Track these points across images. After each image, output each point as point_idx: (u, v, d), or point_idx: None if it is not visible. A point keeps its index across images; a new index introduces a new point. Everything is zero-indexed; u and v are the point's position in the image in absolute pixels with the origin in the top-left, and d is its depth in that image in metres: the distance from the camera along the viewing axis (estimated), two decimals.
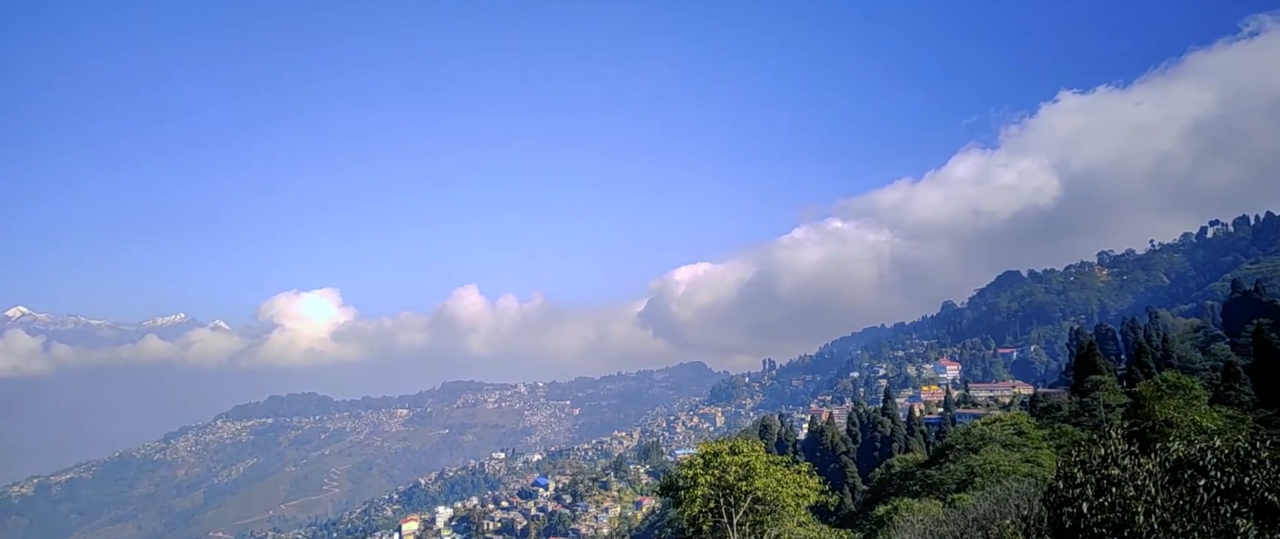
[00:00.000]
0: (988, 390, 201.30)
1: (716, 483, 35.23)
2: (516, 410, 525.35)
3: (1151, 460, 14.30)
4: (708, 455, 36.37)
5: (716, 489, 35.17)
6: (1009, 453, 52.09)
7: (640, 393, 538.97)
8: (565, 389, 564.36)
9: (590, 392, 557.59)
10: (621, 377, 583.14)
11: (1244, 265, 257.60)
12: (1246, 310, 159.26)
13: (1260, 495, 12.12)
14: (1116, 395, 66.56)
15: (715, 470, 35.44)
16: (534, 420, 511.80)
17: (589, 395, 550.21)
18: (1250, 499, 12.22)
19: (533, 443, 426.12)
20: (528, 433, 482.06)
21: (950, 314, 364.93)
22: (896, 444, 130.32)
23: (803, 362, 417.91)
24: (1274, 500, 11.93)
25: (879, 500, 59.72)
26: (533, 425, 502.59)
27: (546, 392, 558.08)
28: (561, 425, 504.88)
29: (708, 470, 35.56)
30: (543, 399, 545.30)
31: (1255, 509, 12.06)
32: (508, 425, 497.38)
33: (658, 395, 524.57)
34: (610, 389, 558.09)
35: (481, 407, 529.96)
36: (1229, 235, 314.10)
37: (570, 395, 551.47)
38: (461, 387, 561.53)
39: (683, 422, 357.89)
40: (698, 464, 36.22)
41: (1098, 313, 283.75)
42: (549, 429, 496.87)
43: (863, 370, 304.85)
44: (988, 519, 21.97)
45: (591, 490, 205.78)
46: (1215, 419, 49.42)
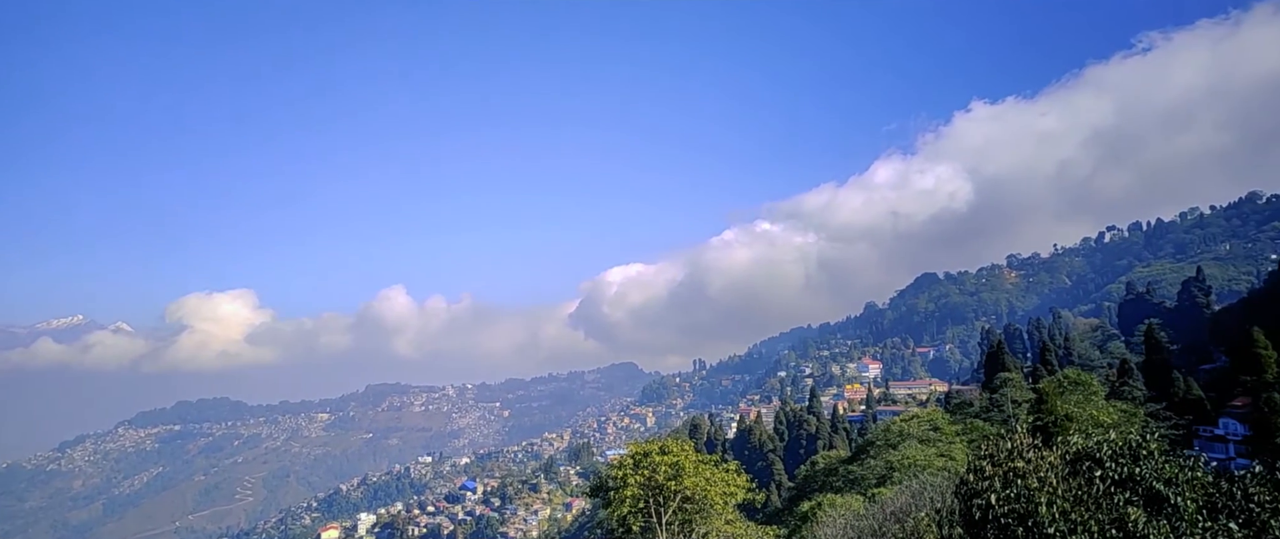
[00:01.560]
0: (907, 388, 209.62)
1: (646, 483, 35.36)
2: (444, 413, 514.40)
3: (1053, 453, 15.10)
4: (638, 455, 36.47)
5: (646, 489, 35.29)
6: (925, 448, 54.22)
7: (571, 394, 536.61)
8: (495, 391, 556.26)
9: (521, 393, 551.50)
10: (553, 378, 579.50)
11: (1137, 269, 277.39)
12: (1139, 311, 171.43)
13: (1149, 485, 12.95)
14: (1023, 392, 70.18)
15: (645, 470, 35.55)
16: (462, 423, 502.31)
17: (519, 397, 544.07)
18: (1140, 488, 13.05)
19: (461, 446, 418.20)
20: (456, 436, 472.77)
21: (872, 314, 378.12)
22: (821, 441, 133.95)
23: (732, 362, 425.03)
24: (1161, 489, 12.75)
25: (804, 497, 61.14)
26: (461, 428, 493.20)
27: (476, 393, 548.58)
28: (491, 428, 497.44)
29: (638, 470, 35.65)
30: (472, 401, 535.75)
31: (1145, 498, 12.88)
32: (435, 428, 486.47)
33: (589, 396, 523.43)
34: (541, 390, 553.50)
35: (408, 409, 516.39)
36: (1124, 240, 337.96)
37: (500, 397, 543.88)
38: (386, 389, 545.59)
39: (614, 422, 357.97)
40: (628, 464, 36.27)
41: (1007, 313, 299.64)
42: (478, 432, 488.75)
43: (790, 370, 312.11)
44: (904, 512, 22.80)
45: (521, 493, 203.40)
46: (1111, 413, 52.83)
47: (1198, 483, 13.07)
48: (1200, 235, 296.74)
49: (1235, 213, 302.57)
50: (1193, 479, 13.11)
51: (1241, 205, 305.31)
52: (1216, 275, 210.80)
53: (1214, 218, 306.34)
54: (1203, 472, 13.57)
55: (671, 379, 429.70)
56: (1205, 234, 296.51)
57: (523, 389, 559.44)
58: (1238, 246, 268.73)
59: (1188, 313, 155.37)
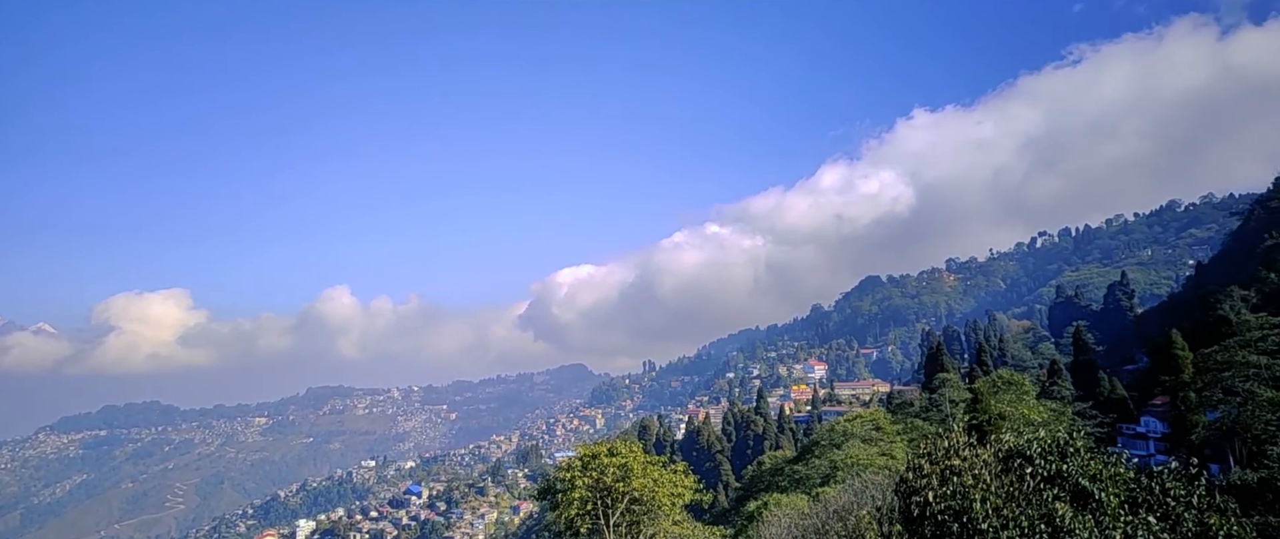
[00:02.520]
0: (851, 389, 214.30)
1: (594, 485, 35.20)
2: (389, 416, 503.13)
3: (987, 451, 15.62)
4: (586, 457, 36.29)
5: (594, 491, 35.13)
6: (867, 447, 55.51)
7: (520, 395, 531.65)
8: (442, 393, 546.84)
9: (468, 395, 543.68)
10: (501, 379, 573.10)
11: (1066, 273, 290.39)
12: (1068, 313, 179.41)
13: (1075, 481, 13.52)
14: (960, 392, 72.38)
15: (593, 472, 35.40)
16: (408, 426, 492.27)
17: (467, 399, 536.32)
18: (1067, 484, 13.61)
19: (406, 449, 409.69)
20: (401, 439, 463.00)
21: (818, 316, 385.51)
22: (768, 442, 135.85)
23: (682, 363, 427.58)
24: (1086, 485, 13.32)
25: (750, 496, 61.86)
26: (406, 431, 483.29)
27: (422, 396, 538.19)
28: (437, 430, 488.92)
29: (586, 472, 35.47)
30: (418, 404, 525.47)
31: (1072, 494, 13.43)
32: (379, 432, 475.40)
33: (538, 398, 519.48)
34: (489, 392, 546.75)
35: (351, 413, 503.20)
36: (1054, 245, 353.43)
37: (447, 399, 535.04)
38: (329, 392, 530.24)
39: (563, 424, 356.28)
40: (576, 466, 36.07)
41: (946, 315, 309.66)
42: (424, 435, 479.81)
43: (738, 371, 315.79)
44: (847, 511, 23.29)
45: (467, 497, 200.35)
46: (1041, 412, 55.09)
47: (1120, 479, 13.68)
48: (1124, 241, 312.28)
49: (1156, 220, 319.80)
50: (1116, 475, 13.72)
51: (1162, 213, 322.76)
52: (1139, 280, 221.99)
53: (1137, 224, 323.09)
54: (1125, 468, 14.22)
55: (621, 381, 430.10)
56: (1129, 240, 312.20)
57: (471, 391, 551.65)
58: (1159, 252, 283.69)
59: (1113, 315, 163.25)
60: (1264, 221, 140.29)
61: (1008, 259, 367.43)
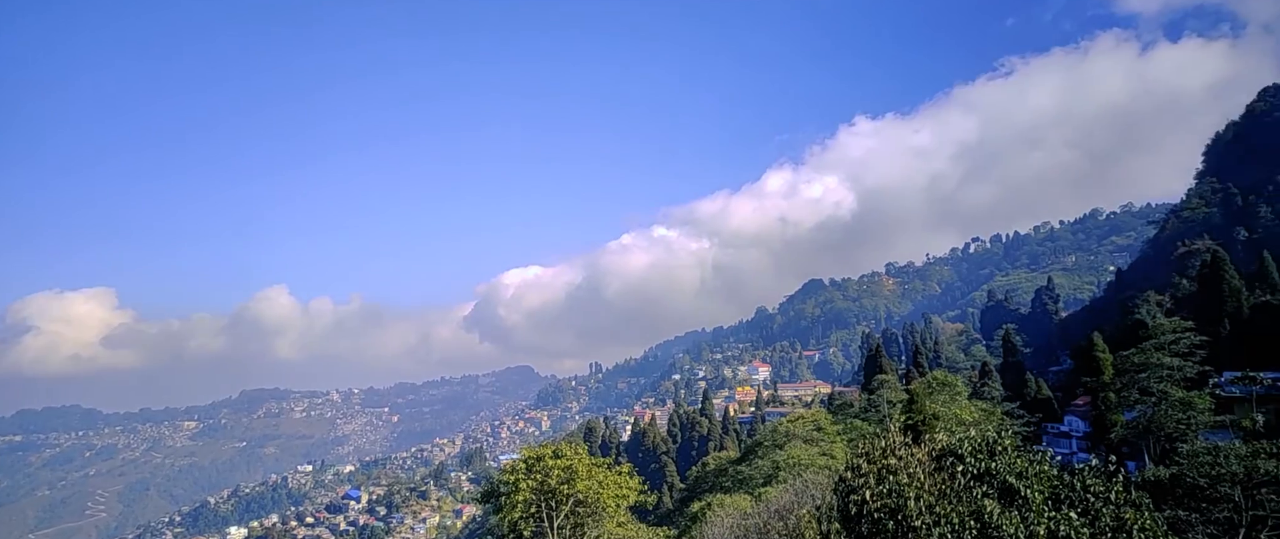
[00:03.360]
0: (794, 390, 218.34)
1: (539, 487, 35.00)
2: (328, 419, 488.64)
3: (922, 450, 16.13)
4: (530, 460, 36.06)
5: (538, 493, 34.93)
6: (809, 448, 56.61)
7: (465, 398, 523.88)
8: (384, 395, 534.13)
9: (411, 397, 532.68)
10: (445, 381, 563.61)
11: (997, 277, 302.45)
12: (998, 316, 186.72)
13: (1003, 478, 14.07)
14: (898, 392, 74.35)
15: (538, 475, 35.19)
16: (348, 429, 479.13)
17: (410, 402, 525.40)
18: (996, 482, 14.15)
19: (345, 453, 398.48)
20: (340, 442, 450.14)
21: (763, 319, 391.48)
22: (712, 443, 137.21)
23: (628, 365, 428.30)
24: (1013, 482, 13.88)
25: (694, 497, 62.30)
26: (346, 435, 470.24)
27: (363, 398, 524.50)
28: (378, 434, 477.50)
29: (530, 475, 35.23)
30: (358, 406, 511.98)
31: (1000, 491, 13.98)
32: (317, 435, 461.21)
33: (483, 400, 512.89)
34: (433, 394, 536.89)
35: (287, 416, 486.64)
36: (987, 251, 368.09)
37: (389, 402, 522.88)
38: (264, 395, 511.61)
39: (508, 426, 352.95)
40: (520, 469, 35.79)
41: (885, 317, 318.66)
42: (364, 438, 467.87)
43: (684, 373, 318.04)
44: (788, 510, 23.71)
45: (409, 501, 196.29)
46: (972, 412, 57.12)
47: (1045, 476, 14.29)
48: (1051, 247, 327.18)
49: (1080, 227, 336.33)
50: (1041, 473, 14.33)
51: (1085, 221, 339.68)
52: (1064, 285, 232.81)
53: (1063, 231, 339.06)
54: (1049, 466, 14.84)
55: (567, 382, 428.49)
56: (1055, 246, 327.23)
57: (414, 393, 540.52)
58: (1082, 258, 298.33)
59: (1039, 319, 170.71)
60: (1178, 231, 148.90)
61: (943, 264, 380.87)
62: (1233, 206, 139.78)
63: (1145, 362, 55.65)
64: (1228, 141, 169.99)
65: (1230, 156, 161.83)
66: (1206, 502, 30.24)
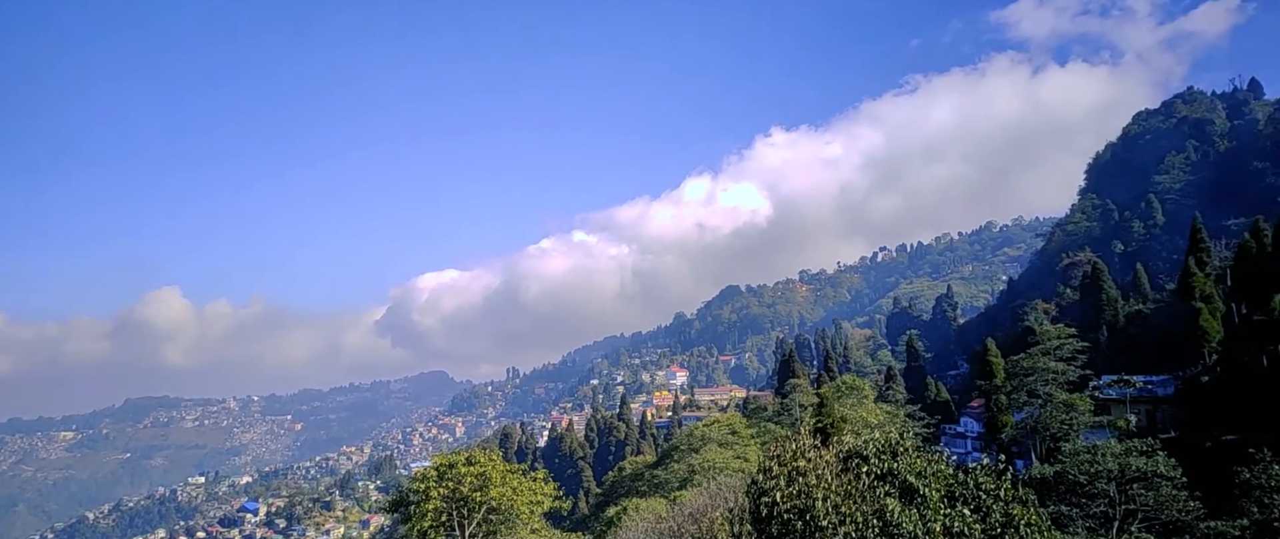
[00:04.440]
0: (710, 395, 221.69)
1: (450, 495, 34.21)
2: (224, 428, 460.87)
3: (830, 452, 16.60)
4: (442, 467, 35.24)
5: (450, 501, 34.14)
6: (724, 451, 57.50)
7: (375, 404, 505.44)
8: (286, 403, 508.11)
9: (316, 404, 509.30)
10: (354, 388, 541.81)
11: (902, 285, 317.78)
12: (903, 323, 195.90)
13: (904, 478, 14.63)
14: (809, 396, 76.58)
15: (449, 482, 34.41)
16: (246, 439, 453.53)
17: (315, 409, 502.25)
18: (897, 481, 14.70)
19: (243, 464, 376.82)
20: (237, 453, 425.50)
21: (681, 324, 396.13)
22: (630, 448, 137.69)
23: (547, 370, 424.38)
24: (913, 482, 14.45)
25: (610, 502, 62.22)
26: (244, 444, 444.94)
27: (263, 406, 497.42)
28: (280, 443, 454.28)
29: (442, 482, 34.41)
30: (258, 415, 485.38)
31: (901, 490, 14.53)
32: (211, 445, 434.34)
33: (394, 407, 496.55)
34: (340, 401, 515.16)
35: (177, 425, 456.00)
36: (893, 260, 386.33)
37: (292, 409, 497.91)
38: (151, 403, 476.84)
39: (421, 433, 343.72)
40: (431, 477, 34.94)
41: (799, 323, 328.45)
42: (264, 447, 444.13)
43: (603, 378, 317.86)
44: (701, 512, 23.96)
45: (312, 512, 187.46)
46: (878, 414, 59.55)
47: (942, 475, 14.95)
48: (950, 257, 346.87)
49: (976, 239, 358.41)
50: (938, 472, 14.98)
51: (981, 233, 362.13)
52: (962, 293, 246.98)
53: (961, 242, 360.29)
54: (946, 465, 15.54)
55: (484, 388, 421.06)
56: (954, 256, 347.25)
57: (319, 400, 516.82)
58: (978, 268, 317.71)
59: (940, 325, 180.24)
60: (1063, 243, 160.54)
61: (853, 272, 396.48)
62: (1110, 222, 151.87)
63: (1033, 366, 59.48)
64: (1106, 161, 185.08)
65: (1108, 175, 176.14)
66: (1085, 497, 32.58)
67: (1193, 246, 66.90)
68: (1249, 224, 63.31)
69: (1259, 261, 55.15)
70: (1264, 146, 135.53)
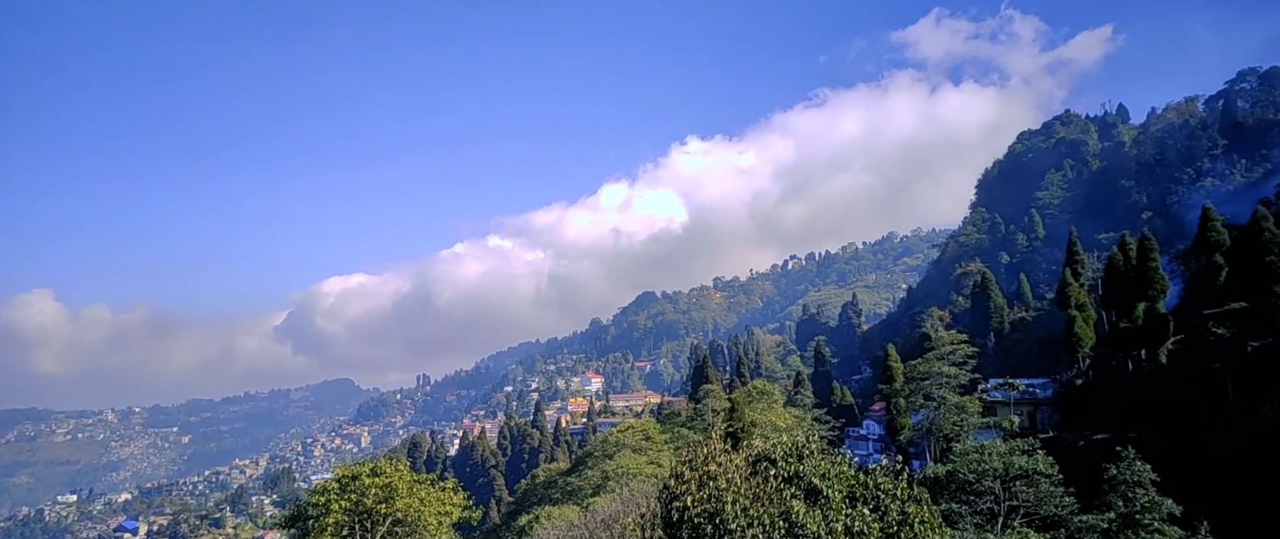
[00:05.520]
0: (625, 400, 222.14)
1: (353, 508, 32.75)
2: (100, 442, 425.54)
3: (740, 456, 16.96)
4: (344, 478, 33.67)
5: (352, 515, 32.69)
6: (637, 457, 57.81)
7: (273, 414, 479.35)
8: (173, 414, 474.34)
9: (207, 415, 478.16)
10: (250, 397, 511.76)
11: (811, 293, 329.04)
12: (811, 329, 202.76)
13: (809, 480, 15.14)
14: (721, 401, 78.03)
15: (352, 494, 32.91)
16: (125, 453, 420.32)
17: (205, 420, 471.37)
18: (802, 483, 15.20)
19: (121, 480, 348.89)
20: (115, 468, 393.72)
21: (597, 330, 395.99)
22: (544, 455, 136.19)
23: (459, 376, 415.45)
24: (817, 483, 14.97)
25: (522, 511, 61.42)
26: (123, 459, 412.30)
27: (146, 418, 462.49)
28: (164, 457, 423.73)
29: (344, 495, 32.85)
30: (140, 427, 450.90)
31: (806, 491, 15.02)
32: (85, 461, 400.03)
33: (295, 416, 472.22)
34: (234, 411, 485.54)
35: (47, 439, 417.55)
36: (802, 268, 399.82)
37: (179, 421, 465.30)
38: (17, 415, 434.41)
39: (323, 444, 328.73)
40: (332, 489, 33.31)
41: (712, 330, 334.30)
42: (146, 462, 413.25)
43: (517, 384, 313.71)
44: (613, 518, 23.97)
45: (199, 529, 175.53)
46: (786, 418, 61.33)
47: (844, 476, 15.55)
48: (856, 266, 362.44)
49: (879, 248, 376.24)
50: (841, 473, 15.58)
51: (883, 243, 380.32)
52: (866, 300, 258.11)
53: (865, 252, 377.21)
54: (848, 467, 16.18)
55: (392, 396, 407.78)
56: (859, 265, 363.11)
57: (210, 411, 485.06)
58: (881, 277, 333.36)
59: (846, 331, 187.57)
60: (956, 254, 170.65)
61: (765, 279, 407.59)
62: (998, 234, 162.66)
63: (928, 370, 62.84)
64: (994, 177, 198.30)
65: (996, 190, 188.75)
66: (973, 495, 34.64)
67: (1069, 259, 72.41)
68: (1118, 238, 68.84)
69: (1125, 273, 60.27)
70: (1130, 167, 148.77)
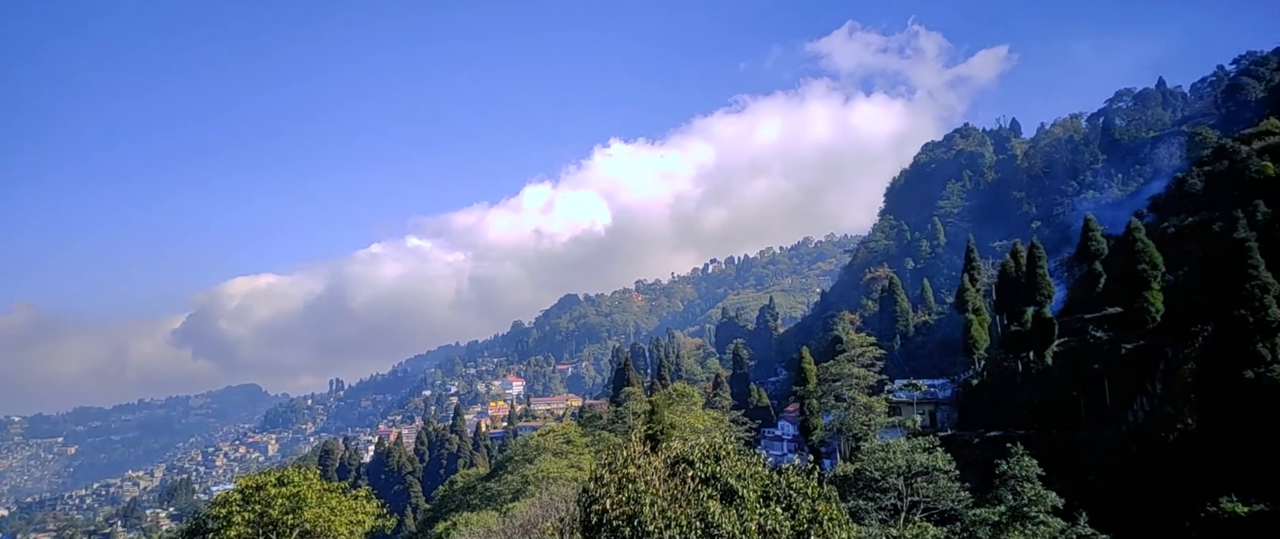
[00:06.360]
0: (547, 404, 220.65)
1: (257, 519, 31.31)
2: None
3: (659, 458, 17.31)
4: (248, 489, 32.12)
5: (257, 527, 31.25)
6: (558, 461, 57.68)
7: (171, 422, 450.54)
8: (57, 423, 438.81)
9: (96, 425, 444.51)
10: (145, 404, 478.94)
11: (730, 296, 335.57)
12: (730, 332, 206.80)
13: (725, 481, 15.63)
14: (643, 404, 78.58)
15: (257, 505, 31.44)
16: (2, 466, 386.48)
17: (94, 429, 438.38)
18: (719, 484, 15.67)
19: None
20: None
21: (519, 333, 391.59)
22: (463, 460, 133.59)
23: (375, 381, 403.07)
24: (733, 484, 15.47)
25: (440, 518, 60.21)
26: (0, 472, 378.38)
27: (27, 427, 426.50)
28: (48, 469, 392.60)
29: (247, 506, 31.35)
30: (20, 437, 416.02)
31: (722, 492, 15.50)
32: None
33: (195, 424, 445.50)
34: (128, 420, 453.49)
35: None
36: (722, 271, 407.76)
37: (65, 430, 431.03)
38: None
39: (226, 453, 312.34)
40: (234, 500, 31.72)
41: (634, 333, 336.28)
42: (26, 475, 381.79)
43: (436, 388, 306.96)
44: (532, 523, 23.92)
45: None
46: (705, 420, 62.49)
47: (759, 476, 16.12)
48: (773, 270, 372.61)
49: (795, 253, 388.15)
50: (755, 474, 16.14)
51: (799, 247, 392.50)
52: (783, 304, 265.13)
53: (782, 256, 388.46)
54: (763, 467, 16.77)
55: (303, 401, 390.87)
56: (776, 269, 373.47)
57: (100, 420, 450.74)
58: (797, 280, 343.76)
59: (763, 334, 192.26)
60: (866, 260, 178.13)
61: (686, 282, 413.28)
62: (904, 241, 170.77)
63: (839, 372, 65.36)
64: (901, 186, 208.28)
65: (902, 199, 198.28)
66: (879, 491, 36.36)
67: (967, 265, 76.87)
68: (1011, 246, 73.62)
69: (1017, 279, 64.52)
70: (1021, 178, 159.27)
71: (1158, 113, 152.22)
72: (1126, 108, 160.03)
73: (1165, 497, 33.94)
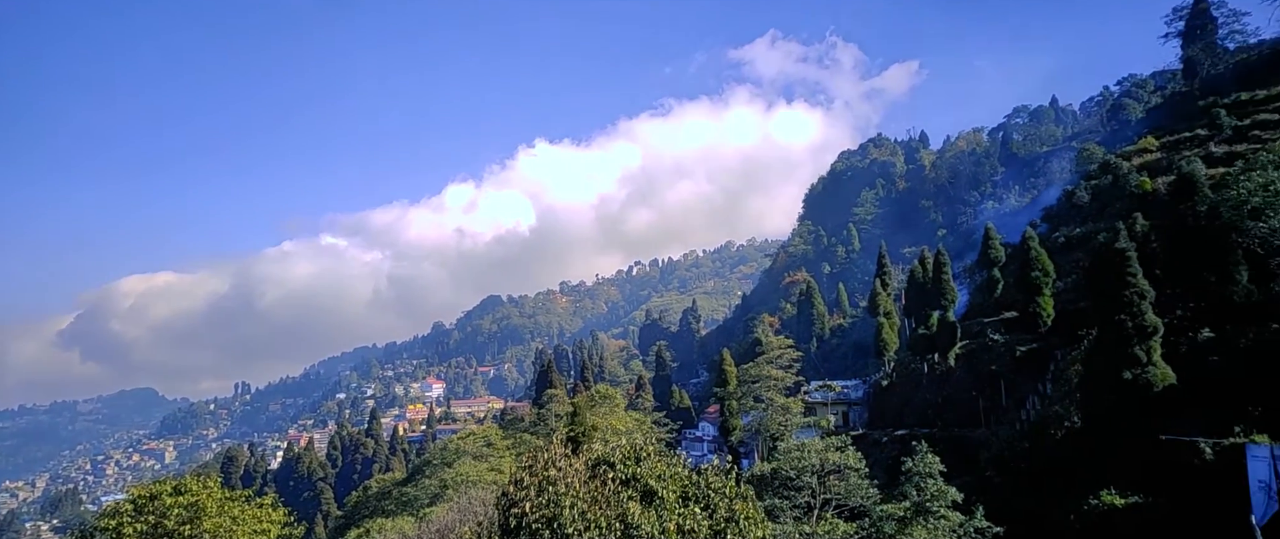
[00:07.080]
0: (467, 406, 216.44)
1: (151, 531, 29.38)
2: None
3: (580, 460, 17.32)
4: (141, 499, 30.07)
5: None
6: (478, 464, 56.73)
7: (55, 429, 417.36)
8: None
9: None
10: (26, 410, 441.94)
11: (654, 298, 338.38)
12: (654, 334, 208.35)
13: (645, 482, 15.79)
14: (566, 406, 78.31)
15: (150, 516, 29.50)
16: None
17: None
18: (639, 485, 15.82)
19: None
20: None
21: (440, 334, 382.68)
22: (378, 465, 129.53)
23: (285, 384, 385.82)
24: (653, 485, 15.65)
25: (352, 525, 58.20)
26: None
27: None
28: None
29: (140, 517, 29.38)
30: None
31: (642, 493, 15.65)
32: None
33: (83, 431, 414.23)
34: (5, 428, 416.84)
35: None
36: (646, 274, 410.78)
37: None
38: None
39: (118, 461, 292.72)
40: (126, 511, 29.66)
41: (558, 334, 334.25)
42: None
43: (351, 391, 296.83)
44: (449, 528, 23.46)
45: None
46: (628, 422, 62.82)
47: (678, 477, 16.36)
48: (696, 273, 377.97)
49: (718, 256, 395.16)
50: (675, 474, 16.37)
51: (722, 251, 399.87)
52: (705, 306, 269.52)
53: (705, 259, 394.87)
54: (683, 468, 17.02)
55: (205, 406, 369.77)
56: (699, 272, 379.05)
57: None
58: (719, 283, 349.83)
59: (686, 336, 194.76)
60: (786, 264, 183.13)
61: (610, 284, 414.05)
62: (821, 246, 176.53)
63: (758, 373, 66.95)
64: (819, 192, 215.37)
65: (820, 204, 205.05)
66: (793, 489, 37.47)
67: (879, 270, 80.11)
68: (919, 252, 77.21)
69: (924, 284, 67.75)
70: (929, 188, 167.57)
71: (1051, 128, 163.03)
72: (1023, 123, 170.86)
73: (1054, 490, 36.32)
